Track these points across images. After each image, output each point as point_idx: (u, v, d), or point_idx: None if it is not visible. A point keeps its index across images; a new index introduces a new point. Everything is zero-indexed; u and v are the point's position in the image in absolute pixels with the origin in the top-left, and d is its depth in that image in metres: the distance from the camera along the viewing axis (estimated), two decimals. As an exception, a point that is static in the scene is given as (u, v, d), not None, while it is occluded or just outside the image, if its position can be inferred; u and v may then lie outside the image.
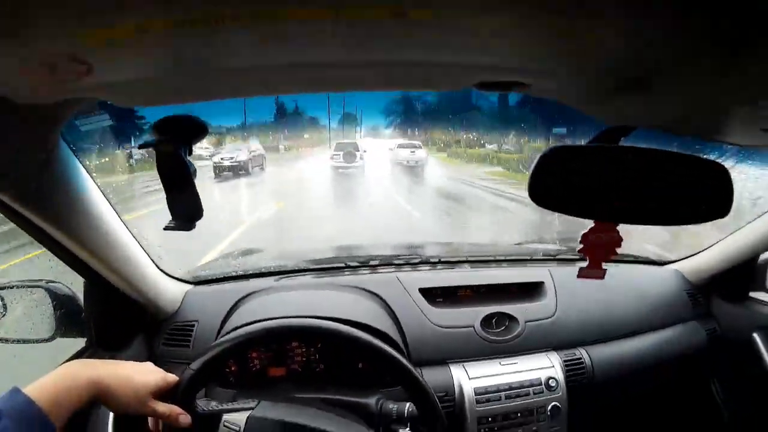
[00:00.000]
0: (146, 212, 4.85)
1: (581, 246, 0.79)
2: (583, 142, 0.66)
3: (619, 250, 0.81)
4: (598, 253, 0.81)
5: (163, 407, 0.78)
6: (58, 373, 0.70)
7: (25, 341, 1.10)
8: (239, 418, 0.83)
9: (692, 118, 0.63)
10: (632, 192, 0.63)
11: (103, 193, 0.91)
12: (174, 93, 0.62)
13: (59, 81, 0.51)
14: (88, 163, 0.86)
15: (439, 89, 0.67)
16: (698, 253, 1.61)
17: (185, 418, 0.79)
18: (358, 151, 10.52)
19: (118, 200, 1.07)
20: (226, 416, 0.84)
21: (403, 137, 12.56)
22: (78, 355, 1.10)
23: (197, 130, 0.74)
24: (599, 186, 0.62)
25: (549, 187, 0.63)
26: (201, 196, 0.74)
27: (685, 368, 1.51)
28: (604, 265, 0.83)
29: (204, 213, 0.74)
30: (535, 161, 0.62)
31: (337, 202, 9.49)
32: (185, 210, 0.73)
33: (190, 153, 0.74)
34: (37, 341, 1.09)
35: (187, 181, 0.71)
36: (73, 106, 0.66)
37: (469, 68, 0.54)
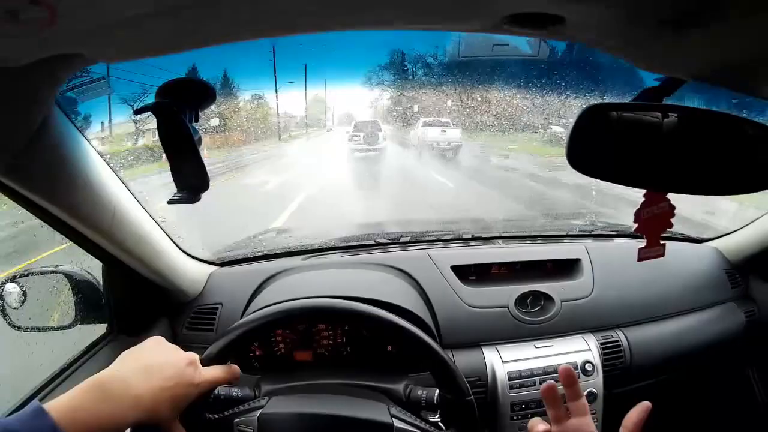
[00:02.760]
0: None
1: (636, 225, 0.69)
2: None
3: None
4: (653, 228, 0.70)
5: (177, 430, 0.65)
6: (91, 390, 0.57)
7: (46, 329, 1.02)
8: (251, 420, 0.74)
9: (748, 70, 0.50)
10: (678, 156, 0.55)
11: (110, 167, 0.80)
12: (158, 40, 0.49)
13: (24, 31, 0.41)
14: (97, 137, 0.76)
15: (457, 27, 0.55)
16: (737, 230, 1.45)
17: None
18: (381, 131, 8.31)
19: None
20: (237, 420, 0.75)
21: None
22: (99, 341, 1.02)
23: (205, 94, 0.64)
24: (642, 148, 0.55)
25: (588, 150, 0.57)
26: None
27: (721, 352, 1.35)
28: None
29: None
30: (574, 120, 0.55)
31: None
32: (190, 180, 0.63)
33: (197, 119, 0.64)
34: (57, 329, 1.01)
35: (191, 149, 0.61)
36: (61, 69, 0.54)
37: None
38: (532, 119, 5.67)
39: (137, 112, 0.60)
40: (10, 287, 0.95)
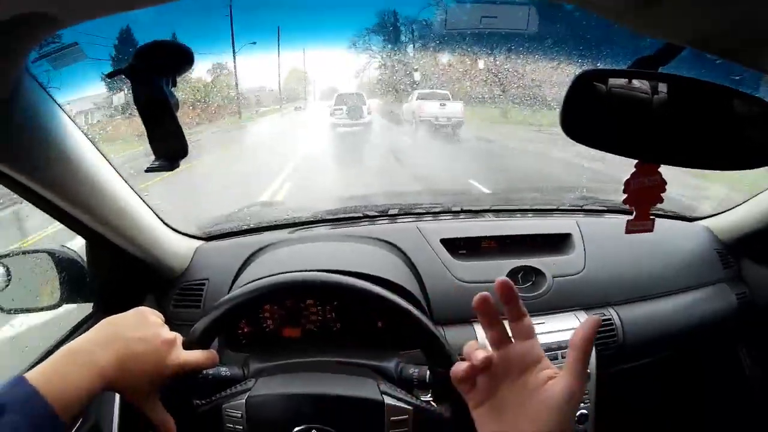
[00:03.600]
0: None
1: (625, 196, 0.68)
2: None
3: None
4: (642, 200, 0.69)
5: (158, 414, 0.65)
6: (63, 357, 0.57)
7: (31, 310, 1.00)
8: (239, 403, 0.72)
9: (750, 38, 0.47)
10: (670, 127, 0.53)
11: (89, 139, 0.76)
12: None
13: None
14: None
15: None
16: (729, 209, 1.43)
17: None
18: (365, 104, 7.64)
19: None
20: (225, 405, 0.73)
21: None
22: (84, 322, 1.00)
23: (182, 58, 0.61)
24: (634, 117, 0.54)
25: (581, 118, 0.54)
26: None
27: (713, 332, 1.34)
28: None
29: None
30: (568, 87, 0.53)
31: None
32: (168, 148, 0.61)
33: (174, 84, 0.61)
34: (42, 309, 0.99)
35: (169, 115, 0.58)
36: (27, 32, 0.51)
37: None
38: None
39: (109, 75, 0.58)
40: (-6, 268, 0.93)
